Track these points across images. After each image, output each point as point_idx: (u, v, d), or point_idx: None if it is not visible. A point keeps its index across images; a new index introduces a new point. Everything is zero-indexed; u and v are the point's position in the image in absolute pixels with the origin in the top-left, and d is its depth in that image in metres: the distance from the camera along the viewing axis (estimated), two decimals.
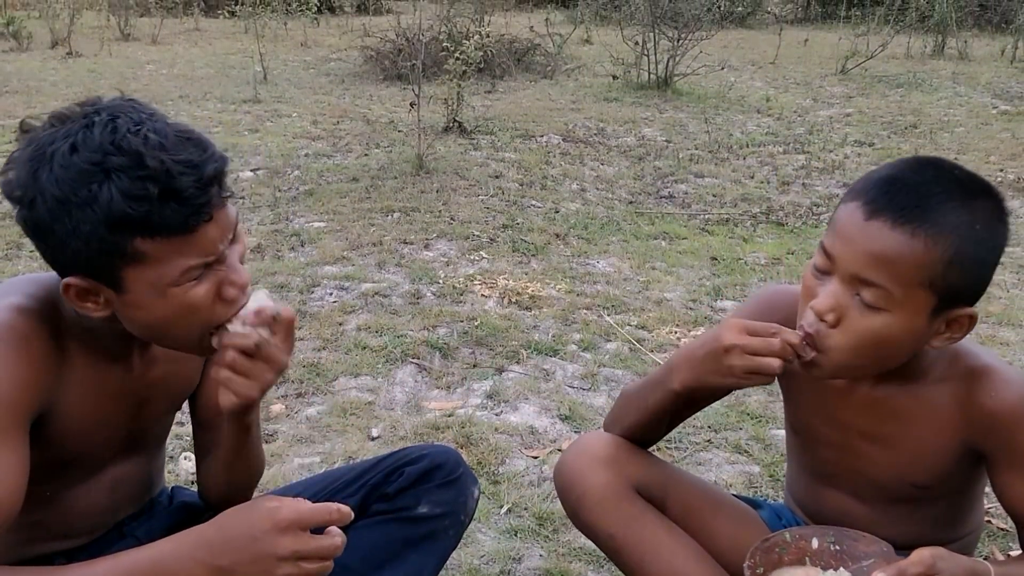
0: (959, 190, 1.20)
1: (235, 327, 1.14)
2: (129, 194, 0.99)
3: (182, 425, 2.60)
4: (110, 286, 1.08)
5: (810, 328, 1.24)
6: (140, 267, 1.05)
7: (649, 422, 1.50)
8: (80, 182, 0.99)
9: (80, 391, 1.20)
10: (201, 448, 1.50)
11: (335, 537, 1.05)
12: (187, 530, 1.05)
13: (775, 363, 1.23)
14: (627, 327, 3.39)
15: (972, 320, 1.24)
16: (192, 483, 2.35)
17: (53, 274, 1.18)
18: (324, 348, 3.13)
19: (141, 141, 1.00)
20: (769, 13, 15.48)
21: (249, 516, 1.03)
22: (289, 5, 12.57)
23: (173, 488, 1.58)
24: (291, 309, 1.20)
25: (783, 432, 2.71)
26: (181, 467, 2.40)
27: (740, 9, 13.16)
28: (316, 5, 12.38)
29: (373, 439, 2.59)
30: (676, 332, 3.35)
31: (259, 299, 1.16)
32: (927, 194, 1.18)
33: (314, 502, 1.05)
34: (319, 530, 1.05)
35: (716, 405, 2.84)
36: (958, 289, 1.21)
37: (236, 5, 12.24)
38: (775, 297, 1.46)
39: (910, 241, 1.16)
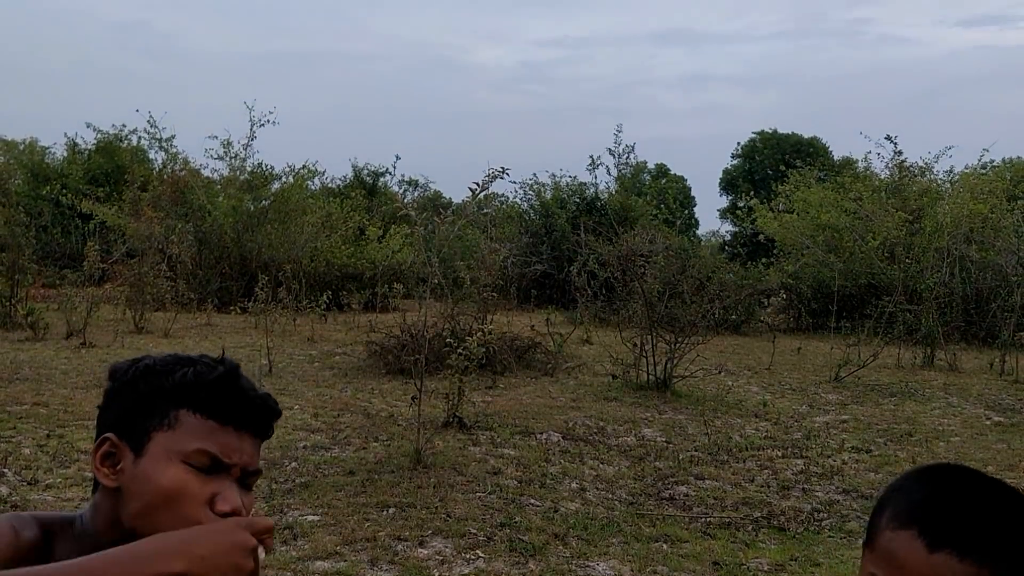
0: (999, 505, 1.22)
1: None
2: (199, 374, 1.19)
3: None
4: (133, 448, 1.19)
5: None
6: (167, 432, 1.18)
7: None
8: (169, 363, 1.21)
9: None
10: None
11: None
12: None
13: None
14: None
15: None
16: None
17: (39, 515, 1.23)
18: None
19: (234, 366, 1.21)
20: (762, 322, 16.09)
21: (214, 524, 1.13)
22: (299, 302, 13.13)
23: None
24: None
25: None
26: None
27: (734, 317, 13.70)
28: (325, 303, 12.92)
29: None
30: None
31: None
32: (980, 519, 1.18)
33: None
34: None
35: None
36: None
37: (249, 302, 12.77)
38: None
39: (978, 571, 1.17)
